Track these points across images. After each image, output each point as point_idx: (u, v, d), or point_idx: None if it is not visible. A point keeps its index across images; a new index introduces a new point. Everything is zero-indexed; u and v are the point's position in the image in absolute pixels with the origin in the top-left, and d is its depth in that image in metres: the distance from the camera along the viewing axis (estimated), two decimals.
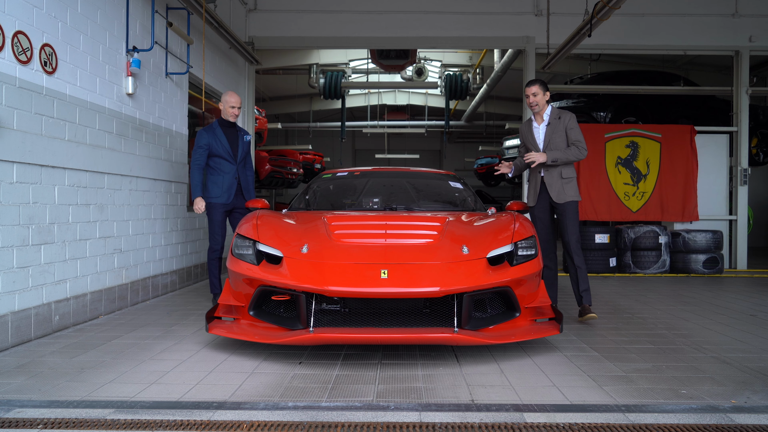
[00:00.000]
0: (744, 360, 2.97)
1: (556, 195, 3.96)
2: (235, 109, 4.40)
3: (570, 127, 3.93)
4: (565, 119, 3.96)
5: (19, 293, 3.21)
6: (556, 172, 3.97)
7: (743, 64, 7.43)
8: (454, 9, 7.41)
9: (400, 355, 3.00)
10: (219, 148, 4.32)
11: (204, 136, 4.30)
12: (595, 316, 3.77)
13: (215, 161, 4.34)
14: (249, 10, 7.44)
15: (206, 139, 4.29)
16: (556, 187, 3.96)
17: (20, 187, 3.21)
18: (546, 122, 4.01)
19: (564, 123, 3.94)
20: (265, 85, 13.40)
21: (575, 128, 3.93)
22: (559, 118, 3.96)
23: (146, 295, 4.70)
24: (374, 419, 2.11)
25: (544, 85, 3.98)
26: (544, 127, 4.01)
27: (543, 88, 3.96)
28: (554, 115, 4.00)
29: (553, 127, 3.96)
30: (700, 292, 5.47)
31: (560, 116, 3.97)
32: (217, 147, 4.32)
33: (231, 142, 4.40)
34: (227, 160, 4.35)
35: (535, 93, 3.96)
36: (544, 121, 4.01)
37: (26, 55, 3.25)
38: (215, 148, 4.31)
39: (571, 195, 3.94)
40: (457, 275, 2.80)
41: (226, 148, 4.35)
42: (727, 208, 7.54)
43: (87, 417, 2.11)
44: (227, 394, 2.38)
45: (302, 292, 2.77)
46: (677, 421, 2.11)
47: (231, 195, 4.37)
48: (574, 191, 3.95)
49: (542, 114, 4.02)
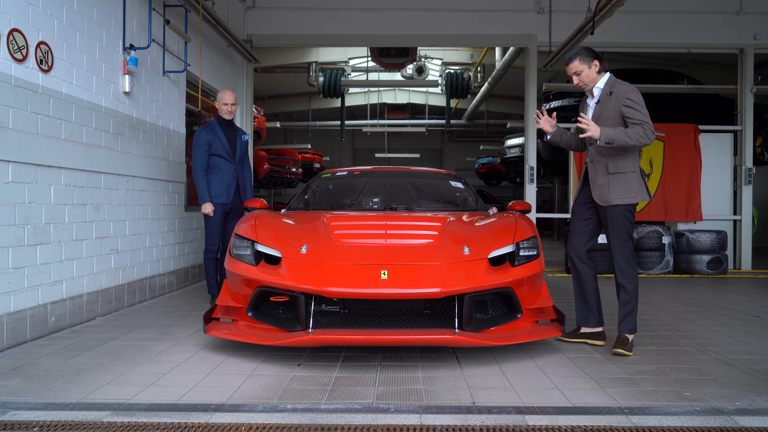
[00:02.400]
0: (748, 362, 2.94)
1: (598, 195, 3.10)
2: (228, 105, 4.34)
3: (626, 103, 2.98)
4: (619, 93, 3.01)
5: (15, 294, 3.18)
6: (602, 164, 3.09)
7: (748, 62, 7.40)
8: (455, 6, 7.37)
9: (401, 357, 2.98)
10: (218, 147, 4.28)
11: (204, 135, 4.26)
12: (628, 353, 2.98)
13: (214, 160, 4.30)
14: (247, 8, 7.40)
15: (206, 138, 4.25)
16: (598, 184, 3.10)
17: (16, 186, 3.18)
18: (596, 98, 3.15)
19: (618, 98, 3.01)
20: (263, 83, 13.37)
21: (634, 104, 2.96)
22: (610, 93, 3.05)
23: (143, 296, 4.67)
24: (374, 421, 2.09)
25: (588, 55, 3.10)
26: (593, 104, 3.17)
27: (586, 60, 3.08)
28: (606, 89, 3.09)
29: (603, 105, 3.09)
30: (704, 293, 5.44)
31: (612, 90, 3.06)
32: (216, 146, 4.28)
33: (230, 141, 4.36)
34: (226, 159, 4.32)
35: (577, 71, 3.11)
36: (594, 96, 3.16)
37: (22, 53, 3.22)
38: (215, 147, 4.27)
39: (619, 196, 3.03)
40: (458, 276, 2.77)
41: (225, 147, 4.31)
42: (732, 208, 7.51)
43: (83, 419, 2.09)
44: (225, 396, 2.37)
45: (301, 293, 2.75)
46: (681, 423, 2.09)
47: (230, 195, 4.34)
48: (624, 190, 3.03)
49: (593, 89, 3.16)
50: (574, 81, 3.16)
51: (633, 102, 2.97)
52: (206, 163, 4.25)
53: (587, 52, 3.12)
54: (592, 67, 3.11)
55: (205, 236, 4.36)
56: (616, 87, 3.06)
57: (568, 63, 3.16)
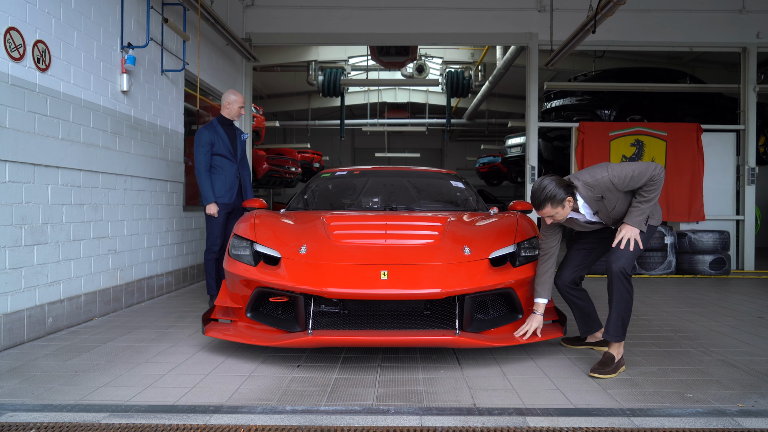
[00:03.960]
0: (751, 363, 2.92)
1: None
2: (242, 109, 4.38)
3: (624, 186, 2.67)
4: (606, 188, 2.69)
5: (12, 295, 3.16)
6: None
7: (750, 60, 7.37)
8: (455, 5, 7.35)
9: (401, 358, 2.96)
10: (221, 147, 4.26)
11: (206, 134, 4.22)
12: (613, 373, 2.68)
13: (217, 160, 4.27)
14: (246, 6, 7.37)
15: (208, 137, 4.21)
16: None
17: (13, 186, 3.16)
18: (591, 213, 2.80)
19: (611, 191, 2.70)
20: (262, 82, 13.34)
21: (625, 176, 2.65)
22: (602, 198, 2.72)
23: (141, 296, 4.65)
24: (374, 423, 2.08)
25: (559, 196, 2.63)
26: (594, 218, 2.84)
27: (558, 203, 2.65)
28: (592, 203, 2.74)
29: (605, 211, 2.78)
30: (707, 293, 5.41)
31: (601, 195, 2.71)
32: (219, 145, 4.25)
33: (231, 140, 4.35)
34: (228, 158, 4.30)
35: (550, 214, 2.70)
36: (587, 214, 2.81)
37: (19, 51, 3.20)
38: (217, 146, 4.24)
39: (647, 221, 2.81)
40: (458, 276, 2.75)
41: (227, 146, 4.29)
42: (734, 207, 7.48)
43: (81, 421, 2.08)
44: (224, 397, 2.36)
45: (300, 294, 2.73)
46: (683, 425, 2.08)
47: (233, 194, 4.32)
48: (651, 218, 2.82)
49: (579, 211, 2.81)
50: (548, 221, 2.77)
51: (623, 179, 2.65)
52: (209, 163, 4.22)
53: (560, 192, 2.63)
54: (566, 206, 2.68)
55: (207, 236, 4.33)
56: (597, 189, 2.70)
57: (538, 207, 2.70)
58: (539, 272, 2.94)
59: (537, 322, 2.87)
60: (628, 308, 2.75)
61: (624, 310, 2.74)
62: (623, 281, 2.71)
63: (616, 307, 2.74)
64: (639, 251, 2.75)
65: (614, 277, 2.72)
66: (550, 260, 2.94)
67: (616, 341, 2.75)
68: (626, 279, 2.71)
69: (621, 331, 2.74)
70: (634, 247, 2.71)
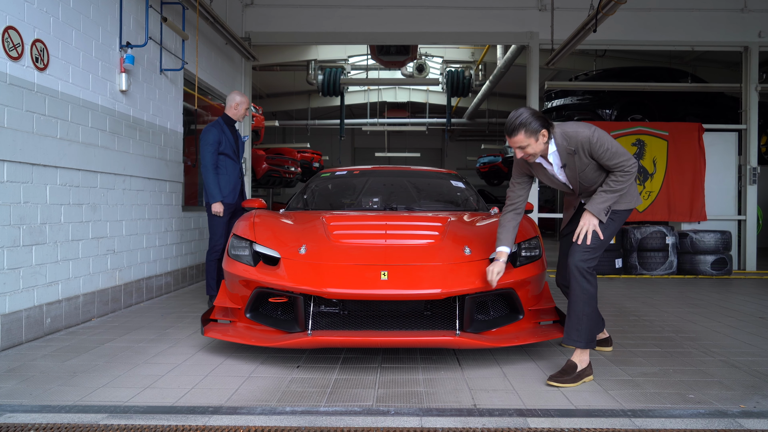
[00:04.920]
0: (753, 363, 2.91)
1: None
2: (247, 111, 4.39)
3: (596, 153, 2.56)
4: (581, 145, 2.57)
5: (10, 295, 3.14)
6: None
7: (752, 60, 7.35)
8: (455, 4, 7.34)
9: (401, 359, 2.95)
10: (227, 146, 4.24)
11: (214, 133, 4.19)
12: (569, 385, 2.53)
13: (222, 159, 4.24)
14: (245, 5, 7.36)
15: (216, 136, 4.18)
16: None
17: (11, 186, 3.15)
18: (559, 165, 2.68)
19: (584, 150, 2.58)
20: (262, 81, 13.32)
21: (601, 148, 2.54)
22: (574, 152, 2.60)
23: (140, 297, 4.63)
24: (374, 424, 2.08)
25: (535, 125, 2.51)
26: (560, 170, 2.72)
27: (533, 134, 2.52)
28: (563, 152, 2.62)
29: (573, 167, 2.65)
30: (708, 294, 5.40)
31: (574, 149, 2.59)
32: (225, 145, 4.23)
33: (235, 140, 4.36)
34: (232, 158, 4.29)
35: (522, 145, 2.54)
36: (554, 163, 2.70)
37: (17, 51, 3.19)
38: (224, 145, 4.23)
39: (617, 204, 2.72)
40: (458, 277, 2.74)
41: (233, 146, 4.29)
42: (736, 207, 7.46)
43: (79, 422, 2.08)
44: (223, 398, 2.35)
45: (300, 294, 2.72)
46: (685, 426, 2.07)
47: (236, 194, 4.33)
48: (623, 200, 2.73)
49: (547, 158, 2.69)
50: (518, 154, 2.61)
51: (599, 146, 2.54)
52: (217, 162, 4.19)
53: (535, 122, 2.49)
54: (540, 139, 2.53)
55: (210, 236, 4.31)
56: (573, 141, 2.57)
57: (510, 134, 2.54)
58: (503, 221, 2.79)
59: (499, 268, 2.68)
60: (587, 308, 2.53)
61: (582, 311, 2.52)
62: (578, 278, 2.54)
63: (573, 308, 2.56)
64: (600, 243, 2.60)
65: (570, 273, 2.59)
66: (516, 212, 2.80)
67: (577, 347, 2.55)
68: (582, 275, 2.53)
69: (583, 335, 2.52)
70: (592, 240, 2.57)
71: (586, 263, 2.56)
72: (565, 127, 2.61)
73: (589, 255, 2.58)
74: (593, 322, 2.57)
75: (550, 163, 2.70)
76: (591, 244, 2.58)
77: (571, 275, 2.59)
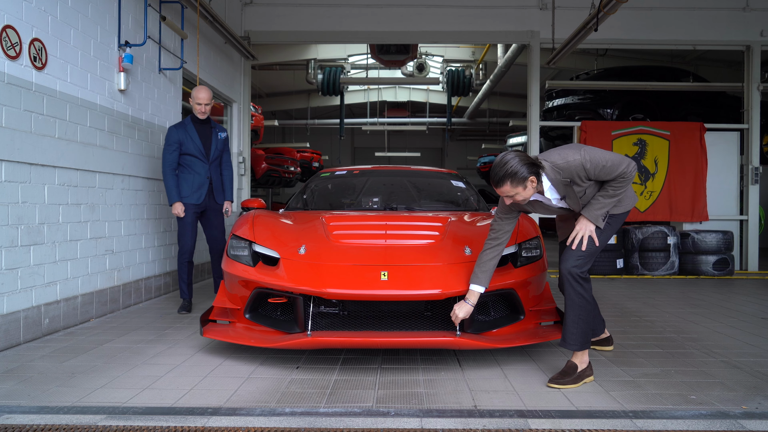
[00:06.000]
0: (755, 364, 2.90)
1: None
2: (201, 105, 4.19)
3: (594, 174, 2.45)
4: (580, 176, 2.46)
5: (8, 296, 3.13)
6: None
7: (754, 59, 7.33)
8: (456, 2, 7.32)
9: (401, 360, 2.94)
10: (190, 146, 4.19)
11: (174, 133, 4.16)
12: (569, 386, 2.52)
13: (186, 159, 4.20)
14: (245, 4, 7.34)
15: (176, 136, 4.16)
16: None
17: (9, 186, 3.13)
18: (558, 198, 2.60)
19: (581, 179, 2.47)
20: (261, 81, 13.31)
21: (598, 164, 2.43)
22: (570, 182, 2.49)
23: (139, 297, 4.62)
24: (374, 425, 2.07)
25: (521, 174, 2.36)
26: (559, 202, 2.64)
27: (520, 183, 2.38)
28: (559, 185, 2.51)
29: (573, 195, 2.55)
30: (710, 294, 5.38)
31: (570, 180, 2.48)
32: (188, 145, 4.18)
33: (204, 139, 4.25)
34: (199, 158, 4.22)
35: (510, 194, 2.44)
36: (553, 198, 2.60)
37: (15, 50, 3.17)
38: (186, 146, 4.18)
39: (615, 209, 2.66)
40: (459, 277, 2.73)
41: (197, 146, 4.21)
42: (738, 207, 7.44)
43: (78, 423, 2.07)
44: (222, 399, 2.34)
45: (300, 295, 2.71)
46: (686, 427, 2.06)
47: (202, 195, 4.24)
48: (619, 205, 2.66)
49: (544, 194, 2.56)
50: (506, 202, 2.51)
51: (595, 167, 2.42)
52: (176, 163, 4.16)
53: (522, 169, 2.35)
54: (528, 186, 2.40)
55: (178, 239, 4.27)
56: (566, 172, 2.46)
57: (496, 184, 2.43)
58: (483, 258, 2.63)
59: (466, 310, 2.58)
60: (582, 313, 2.52)
61: (578, 315, 2.51)
62: (572, 283, 2.51)
63: (569, 313, 2.55)
64: (595, 249, 2.55)
65: (563, 279, 2.56)
66: (498, 248, 2.65)
67: (574, 350, 2.55)
68: (577, 281, 2.51)
69: (579, 338, 2.53)
70: (588, 245, 2.53)
71: (579, 269, 2.53)
72: (553, 159, 2.48)
73: (582, 261, 2.54)
74: (588, 324, 2.57)
75: (548, 198, 2.61)
76: (585, 250, 2.54)
77: (565, 281, 2.56)
